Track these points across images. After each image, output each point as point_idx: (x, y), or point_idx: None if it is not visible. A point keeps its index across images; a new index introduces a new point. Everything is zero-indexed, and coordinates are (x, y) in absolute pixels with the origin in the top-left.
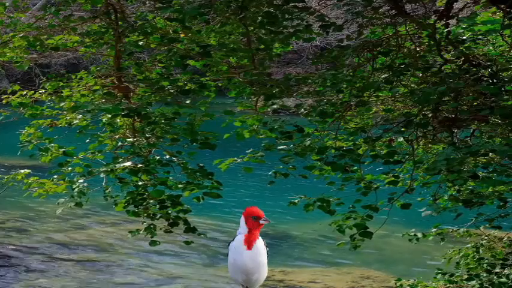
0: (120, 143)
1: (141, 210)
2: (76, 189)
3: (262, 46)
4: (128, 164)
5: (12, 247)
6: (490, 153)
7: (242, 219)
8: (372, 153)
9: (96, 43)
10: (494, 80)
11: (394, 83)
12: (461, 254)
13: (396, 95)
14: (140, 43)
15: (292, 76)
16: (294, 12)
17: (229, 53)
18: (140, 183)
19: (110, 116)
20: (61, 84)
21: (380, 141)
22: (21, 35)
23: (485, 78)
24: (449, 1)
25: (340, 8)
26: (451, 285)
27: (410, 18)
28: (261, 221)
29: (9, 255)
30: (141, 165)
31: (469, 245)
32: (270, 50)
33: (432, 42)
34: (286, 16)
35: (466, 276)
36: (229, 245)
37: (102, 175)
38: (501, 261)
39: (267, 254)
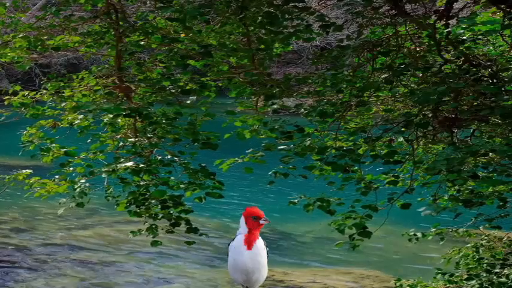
0: (121, 143)
1: (143, 210)
2: (78, 190)
3: (262, 46)
4: (130, 164)
5: (12, 247)
6: (490, 153)
7: (242, 219)
8: (372, 153)
9: (97, 43)
10: (494, 80)
11: (394, 83)
12: (461, 254)
13: (396, 95)
14: (141, 43)
15: (292, 76)
16: (294, 12)
17: (230, 53)
18: (142, 183)
19: (111, 116)
20: (62, 84)
21: (380, 141)
22: (21, 35)
23: (485, 78)
24: (449, 1)
25: (340, 8)
26: (451, 285)
27: (410, 18)
28: (261, 221)
29: (9, 255)
30: (142, 165)
31: (468, 245)
32: (270, 50)
33: (432, 42)
34: (286, 16)
35: (465, 276)
36: (229, 245)
37: (103, 175)
38: (501, 261)
39: (267, 254)
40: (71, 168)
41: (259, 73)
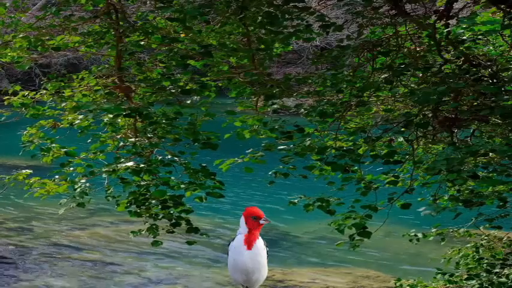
0: (121, 143)
1: (143, 210)
2: (78, 190)
3: (262, 46)
4: (130, 164)
5: (12, 247)
6: (490, 153)
7: (242, 219)
8: (372, 153)
9: (97, 43)
10: (494, 80)
11: (394, 83)
12: (461, 254)
13: (396, 95)
14: (141, 43)
15: (292, 76)
16: (294, 12)
17: (230, 53)
18: (142, 183)
19: (111, 116)
20: (62, 84)
21: (380, 141)
22: (22, 35)
23: (485, 78)
24: (449, 1)
25: (340, 8)
26: (451, 285)
27: (410, 18)
28: (261, 221)
29: (9, 255)
30: (143, 165)
31: (469, 245)
32: (270, 50)
33: (432, 42)
34: (286, 16)
35: (465, 276)
36: (229, 245)
37: (104, 175)
38: (501, 261)
39: (267, 254)
40: (71, 168)
41: (259, 73)
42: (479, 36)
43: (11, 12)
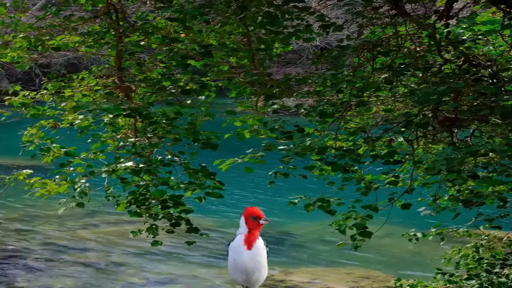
0: (121, 143)
1: (143, 210)
2: (78, 190)
3: (262, 46)
4: (130, 164)
5: (12, 247)
6: (490, 153)
7: (242, 219)
8: (372, 153)
9: (97, 43)
10: (494, 80)
11: (394, 83)
12: (461, 254)
13: (396, 95)
14: (141, 43)
15: (292, 76)
16: (294, 12)
17: (230, 53)
18: (142, 183)
19: (111, 116)
20: (62, 84)
21: (380, 141)
22: (22, 35)
23: (485, 78)
24: (449, 1)
25: (340, 8)
26: (451, 285)
27: (410, 18)
28: (261, 221)
29: (10, 255)
30: (142, 165)
31: (468, 245)
32: (270, 50)
33: (432, 42)
34: (286, 16)
35: (465, 276)
36: (229, 245)
37: (103, 175)
38: (501, 261)
39: (267, 254)
40: (72, 168)
41: (259, 73)
42: (479, 36)
43: (11, 12)
